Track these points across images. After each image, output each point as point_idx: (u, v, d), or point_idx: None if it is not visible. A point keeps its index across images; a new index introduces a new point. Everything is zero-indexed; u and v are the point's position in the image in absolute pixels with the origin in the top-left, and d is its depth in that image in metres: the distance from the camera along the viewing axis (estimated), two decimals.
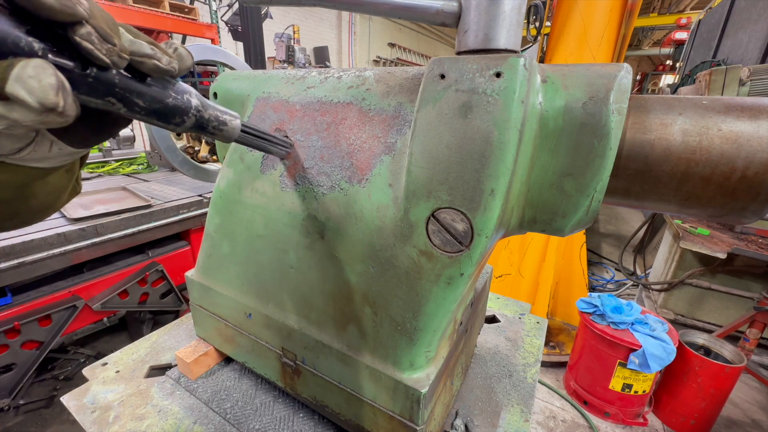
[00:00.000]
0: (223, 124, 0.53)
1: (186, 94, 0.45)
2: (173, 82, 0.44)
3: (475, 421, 0.97)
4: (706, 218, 0.65)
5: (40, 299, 2.04)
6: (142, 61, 0.38)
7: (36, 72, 0.29)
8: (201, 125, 0.49)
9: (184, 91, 0.45)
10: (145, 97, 0.40)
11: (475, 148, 0.58)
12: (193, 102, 0.46)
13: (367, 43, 12.67)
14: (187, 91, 0.46)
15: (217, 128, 0.52)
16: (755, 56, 4.67)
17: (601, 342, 2.46)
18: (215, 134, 0.53)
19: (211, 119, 0.50)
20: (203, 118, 0.49)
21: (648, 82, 15.09)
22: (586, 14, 2.84)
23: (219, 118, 0.52)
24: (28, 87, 0.29)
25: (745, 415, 2.75)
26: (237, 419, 0.95)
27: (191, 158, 2.82)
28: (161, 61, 0.39)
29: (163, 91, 0.42)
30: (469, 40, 0.62)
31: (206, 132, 0.51)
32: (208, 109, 0.50)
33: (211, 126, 0.51)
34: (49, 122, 0.32)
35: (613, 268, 5.02)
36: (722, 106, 0.57)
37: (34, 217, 0.49)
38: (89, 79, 0.35)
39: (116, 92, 0.38)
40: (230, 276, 0.96)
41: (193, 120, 0.47)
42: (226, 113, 0.53)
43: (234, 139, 0.57)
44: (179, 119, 0.45)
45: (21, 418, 2.46)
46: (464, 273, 0.63)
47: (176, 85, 0.45)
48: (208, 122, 0.50)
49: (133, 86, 0.39)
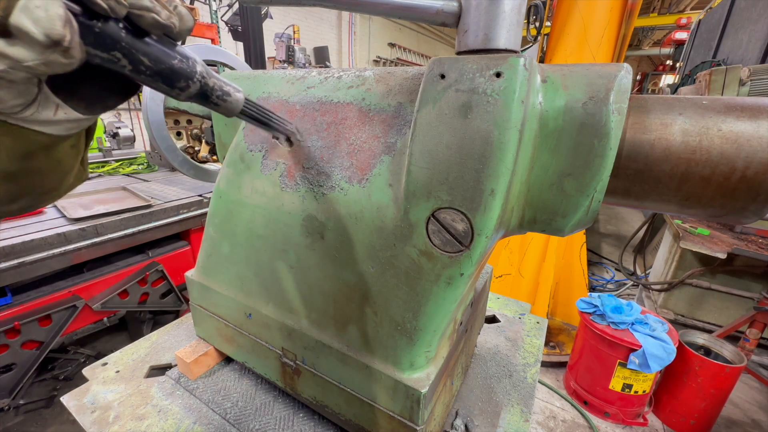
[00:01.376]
0: (227, 95, 0.51)
1: (191, 59, 0.45)
2: (178, 45, 0.43)
3: (475, 421, 0.97)
4: (706, 218, 0.65)
5: (40, 299, 2.04)
6: (140, 15, 0.37)
7: (43, 2, 0.28)
8: (204, 93, 0.48)
9: (189, 56, 0.44)
10: (151, 55, 0.40)
11: (475, 148, 0.58)
12: (198, 68, 0.45)
13: (367, 43, 12.67)
14: (191, 57, 0.45)
15: (220, 98, 0.51)
16: (755, 56, 4.67)
17: (601, 342, 2.45)
18: (218, 105, 0.51)
19: (216, 88, 0.49)
20: (207, 86, 0.48)
21: (648, 82, 15.09)
22: (586, 14, 2.84)
23: (223, 88, 0.51)
24: (34, 17, 0.28)
25: (745, 415, 2.74)
26: (237, 419, 0.95)
27: (191, 158, 2.82)
28: (160, 15, 0.38)
29: (168, 51, 0.42)
30: (469, 40, 0.62)
31: (209, 102, 0.50)
32: (213, 77, 0.49)
33: (215, 95, 0.50)
34: (51, 62, 0.31)
35: (613, 268, 5.02)
36: (722, 106, 0.57)
37: (39, 199, 0.48)
38: (95, 29, 0.35)
39: (122, 47, 0.37)
40: (230, 276, 0.96)
41: (197, 86, 0.46)
42: (229, 85, 0.52)
43: (236, 113, 0.56)
44: (184, 83, 0.44)
45: (21, 418, 2.46)
46: (464, 273, 0.63)
47: (181, 49, 0.44)
48: (213, 90, 0.49)
49: (138, 44, 0.39)
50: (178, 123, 4.27)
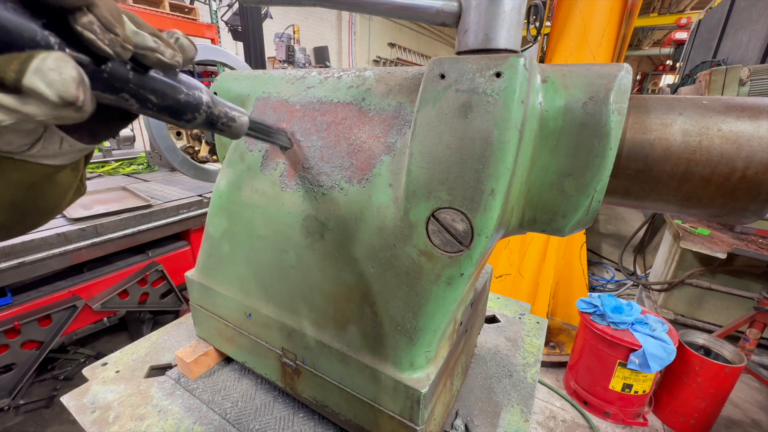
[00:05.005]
0: (231, 121, 0.52)
1: (197, 90, 0.45)
2: (183, 77, 0.44)
3: (475, 421, 0.97)
4: (706, 218, 0.65)
5: (40, 299, 2.04)
6: (145, 55, 0.37)
7: (57, 64, 0.29)
8: (211, 121, 0.48)
9: (195, 87, 0.45)
10: (158, 92, 0.40)
11: (475, 148, 0.58)
12: (204, 98, 0.46)
13: (367, 43, 12.66)
14: (197, 87, 0.45)
15: (226, 125, 0.51)
16: (755, 56, 4.67)
17: (601, 342, 2.46)
18: (224, 131, 0.52)
19: (221, 116, 0.50)
20: (213, 115, 0.48)
21: (648, 82, 15.09)
22: (586, 14, 2.84)
23: (228, 114, 0.51)
24: (48, 80, 0.28)
25: (745, 415, 2.74)
26: (237, 419, 0.95)
27: (191, 158, 2.82)
28: (165, 54, 0.38)
29: (175, 86, 0.42)
30: (469, 40, 0.62)
31: (215, 128, 0.50)
32: (218, 106, 0.49)
33: (221, 123, 0.50)
34: (63, 117, 0.31)
35: (613, 268, 5.02)
36: (722, 106, 0.57)
37: (40, 219, 0.49)
38: (104, 74, 0.35)
39: (130, 88, 0.37)
40: (230, 276, 0.96)
41: (203, 116, 0.46)
42: (234, 109, 0.52)
43: (241, 136, 0.57)
44: (190, 116, 0.45)
45: (21, 418, 2.46)
46: (464, 273, 0.63)
47: (187, 79, 0.44)
48: (218, 119, 0.49)
49: (146, 82, 0.39)
50: None
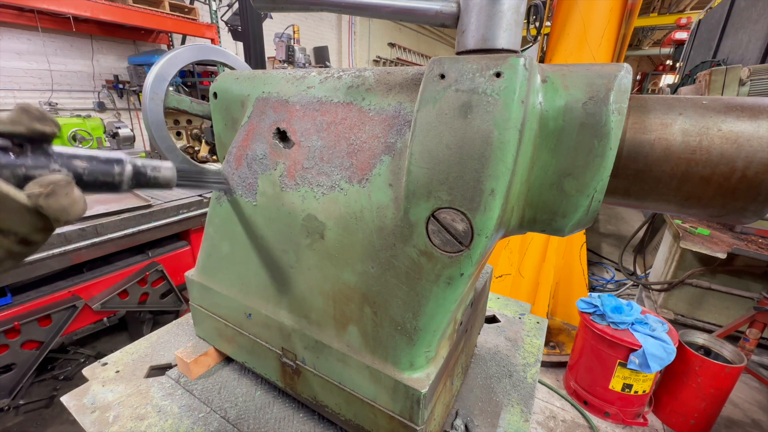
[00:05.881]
0: (156, 171, 0.57)
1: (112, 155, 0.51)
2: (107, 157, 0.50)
3: (475, 421, 0.97)
4: (706, 218, 0.64)
5: (40, 299, 2.04)
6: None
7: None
8: (138, 171, 0.54)
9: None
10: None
11: (475, 148, 0.58)
12: (124, 157, 0.52)
13: (367, 43, 12.66)
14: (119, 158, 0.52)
15: (153, 176, 0.56)
16: (755, 56, 4.66)
17: (601, 342, 2.45)
18: (153, 182, 0.57)
19: (146, 166, 0.55)
20: (137, 165, 0.54)
21: (648, 82, 15.07)
22: (586, 14, 2.84)
23: (152, 164, 0.56)
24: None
25: (745, 415, 2.74)
26: (237, 419, 0.95)
27: (191, 158, 2.82)
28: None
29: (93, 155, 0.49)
30: (468, 41, 0.62)
31: (146, 179, 0.55)
32: (140, 161, 0.55)
33: (148, 173, 0.56)
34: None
35: (613, 268, 5.02)
36: (722, 106, 0.57)
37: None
38: None
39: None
40: (230, 276, 0.96)
41: (130, 167, 0.52)
42: (160, 164, 0.58)
43: (173, 185, 0.61)
44: (119, 168, 0.50)
45: (21, 418, 2.46)
46: (464, 273, 0.63)
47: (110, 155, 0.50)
48: (144, 168, 0.55)
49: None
50: (178, 123, 4.27)
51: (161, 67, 1.06)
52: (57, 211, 0.40)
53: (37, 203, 0.39)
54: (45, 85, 5.19)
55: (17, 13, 4.49)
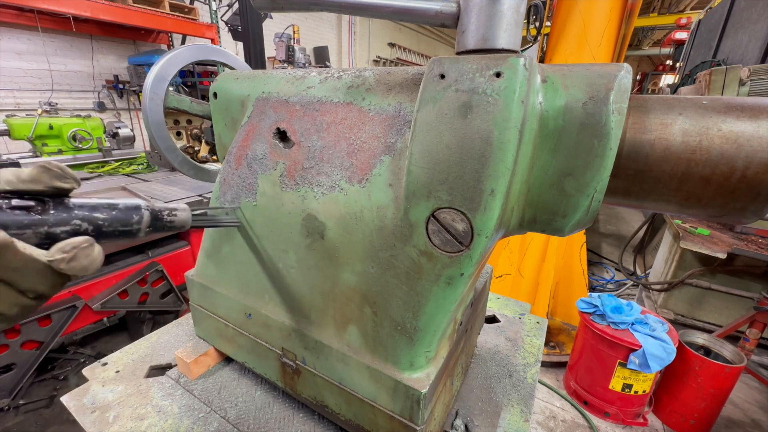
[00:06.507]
0: (173, 214, 0.59)
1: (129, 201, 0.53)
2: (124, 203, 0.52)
3: (475, 421, 0.97)
4: (706, 218, 0.64)
5: None
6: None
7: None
8: (156, 216, 0.56)
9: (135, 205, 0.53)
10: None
11: (475, 148, 0.58)
12: (141, 202, 0.54)
13: (367, 43, 12.66)
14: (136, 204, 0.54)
15: (169, 219, 0.59)
16: (755, 56, 4.66)
17: (601, 342, 2.45)
18: (169, 225, 0.59)
19: (163, 210, 0.58)
20: (155, 209, 0.56)
21: (648, 82, 15.06)
22: (586, 14, 2.84)
23: (169, 208, 0.59)
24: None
25: (745, 415, 2.74)
26: (237, 419, 0.95)
27: (191, 158, 2.82)
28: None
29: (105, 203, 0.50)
30: (468, 41, 0.62)
31: (162, 223, 0.57)
32: (157, 204, 0.57)
33: (165, 216, 0.58)
34: None
35: (613, 268, 5.02)
36: (722, 106, 0.57)
37: None
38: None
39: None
40: (230, 276, 0.96)
41: (148, 213, 0.54)
42: (176, 207, 0.60)
43: (188, 227, 0.64)
44: (137, 216, 0.52)
45: (21, 418, 2.46)
46: (464, 273, 0.63)
47: (126, 202, 0.53)
48: (161, 212, 0.57)
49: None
50: (178, 123, 4.27)
51: (161, 67, 1.06)
52: (78, 271, 0.42)
53: (60, 267, 0.40)
54: (45, 85, 5.20)
55: (17, 13, 4.49)
